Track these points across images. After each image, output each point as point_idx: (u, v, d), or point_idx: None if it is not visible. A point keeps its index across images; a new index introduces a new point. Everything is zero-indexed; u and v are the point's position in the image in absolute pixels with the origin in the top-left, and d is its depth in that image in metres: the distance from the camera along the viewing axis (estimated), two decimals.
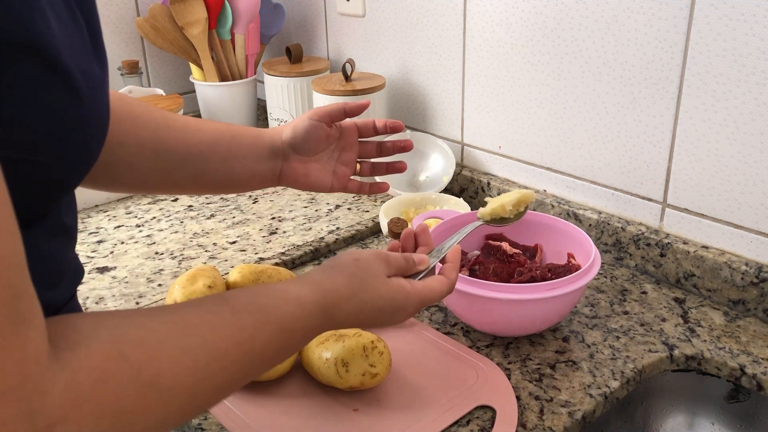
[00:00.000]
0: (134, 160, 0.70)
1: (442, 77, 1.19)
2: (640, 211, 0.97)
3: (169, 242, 1.06)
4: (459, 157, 1.21)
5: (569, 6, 0.96)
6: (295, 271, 0.98)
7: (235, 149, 0.75)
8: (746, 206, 0.85)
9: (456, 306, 0.81)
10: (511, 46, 1.06)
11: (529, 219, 0.91)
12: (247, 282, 0.85)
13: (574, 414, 0.69)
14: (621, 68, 0.93)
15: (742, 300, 0.86)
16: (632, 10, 0.89)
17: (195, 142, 0.73)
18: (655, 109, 0.91)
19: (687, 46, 0.85)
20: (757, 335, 0.82)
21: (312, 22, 1.44)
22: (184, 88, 1.56)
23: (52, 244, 0.48)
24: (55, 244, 0.49)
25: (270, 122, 1.37)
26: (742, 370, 0.77)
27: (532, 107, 1.06)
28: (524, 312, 0.77)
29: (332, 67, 1.40)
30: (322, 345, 0.71)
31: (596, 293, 0.91)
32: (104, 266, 0.99)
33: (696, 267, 0.90)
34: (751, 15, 0.79)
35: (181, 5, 1.32)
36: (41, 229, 0.46)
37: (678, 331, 0.83)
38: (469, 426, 0.68)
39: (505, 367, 0.77)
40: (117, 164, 0.69)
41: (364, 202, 1.19)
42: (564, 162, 1.04)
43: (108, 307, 0.88)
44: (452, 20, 1.13)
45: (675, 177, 0.92)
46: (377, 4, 1.26)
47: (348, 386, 0.70)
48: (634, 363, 0.77)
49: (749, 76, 0.81)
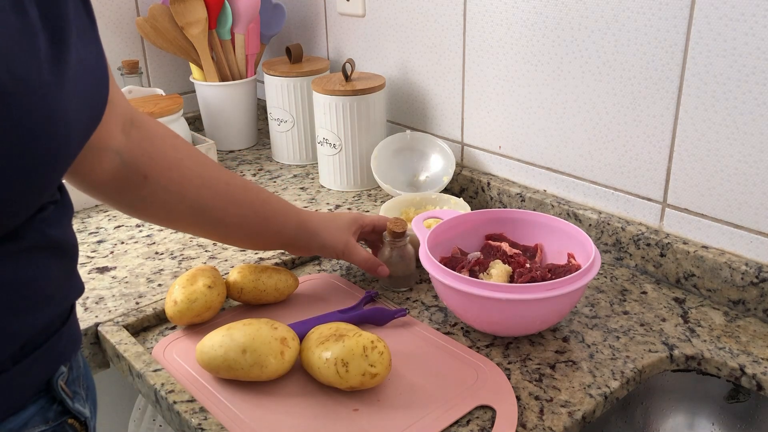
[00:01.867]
0: (171, 206, 0.73)
1: (442, 77, 1.19)
2: (640, 211, 0.97)
3: (169, 242, 1.06)
4: (459, 157, 1.21)
5: (569, 6, 0.96)
6: (295, 271, 0.98)
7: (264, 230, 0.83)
8: (746, 206, 0.85)
9: (456, 306, 0.81)
10: (511, 46, 1.06)
11: (529, 219, 0.91)
12: (247, 282, 0.85)
13: (574, 414, 0.69)
14: (621, 68, 0.93)
15: (742, 300, 0.86)
16: (632, 10, 0.89)
17: (233, 213, 0.78)
18: (655, 109, 0.91)
19: (687, 46, 0.85)
20: (757, 335, 0.82)
21: (312, 22, 1.44)
22: (184, 88, 1.56)
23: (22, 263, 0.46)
24: (30, 263, 0.47)
25: (270, 122, 1.37)
26: (742, 370, 0.77)
27: (532, 107, 1.06)
28: (524, 312, 0.77)
29: (332, 67, 1.40)
30: (322, 345, 0.71)
31: (596, 293, 0.91)
32: (104, 266, 0.99)
33: (696, 267, 0.90)
34: (751, 15, 0.79)
35: (181, 5, 1.32)
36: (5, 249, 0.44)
37: (678, 331, 0.83)
38: (469, 426, 0.68)
39: (505, 367, 0.77)
40: (153, 202, 0.72)
41: (364, 202, 1.19)
42: (564, 162, 1.04)
43: (108, 308, 0.88)
44: (452, 20, 1.13)
45: (675, 177, 0.92)
46: (377, 4, 1.26)
47: (348, 386, 0.70)
48: (634, 363, 0.77)
49: (749, 76, 0.81)
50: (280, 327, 0.73)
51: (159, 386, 0.73)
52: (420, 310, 0.88)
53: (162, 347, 0.80)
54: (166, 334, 0.84)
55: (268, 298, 0.86)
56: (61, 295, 0.53)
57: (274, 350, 0.71)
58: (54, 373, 0.54)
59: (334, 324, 0.75)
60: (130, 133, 0.67)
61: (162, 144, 0.71)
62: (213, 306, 0.82)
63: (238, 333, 0.72)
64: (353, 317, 0.83)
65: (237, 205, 0.78)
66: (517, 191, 1.10)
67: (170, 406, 0.71)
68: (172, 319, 0.82)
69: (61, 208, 0.53)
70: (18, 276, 0.46)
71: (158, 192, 0.71)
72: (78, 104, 0.46)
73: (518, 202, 1.10)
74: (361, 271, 0.97)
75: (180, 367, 0.76)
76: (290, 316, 0.85)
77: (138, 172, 0.68)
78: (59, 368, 0.55)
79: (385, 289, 0.92)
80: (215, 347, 0.72)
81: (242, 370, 0.71)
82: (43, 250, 0.49)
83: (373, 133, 1.22)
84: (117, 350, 0.79)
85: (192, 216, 0.75)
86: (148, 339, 0.84)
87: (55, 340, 0.53)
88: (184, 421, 0.69)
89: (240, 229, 0.80)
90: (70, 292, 0.56)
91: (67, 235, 0.53)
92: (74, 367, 0.58)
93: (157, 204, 0.72)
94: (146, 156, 0.69)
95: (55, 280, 0.51)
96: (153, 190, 0.70)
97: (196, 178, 0.73)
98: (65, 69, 0.44)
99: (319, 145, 1.24)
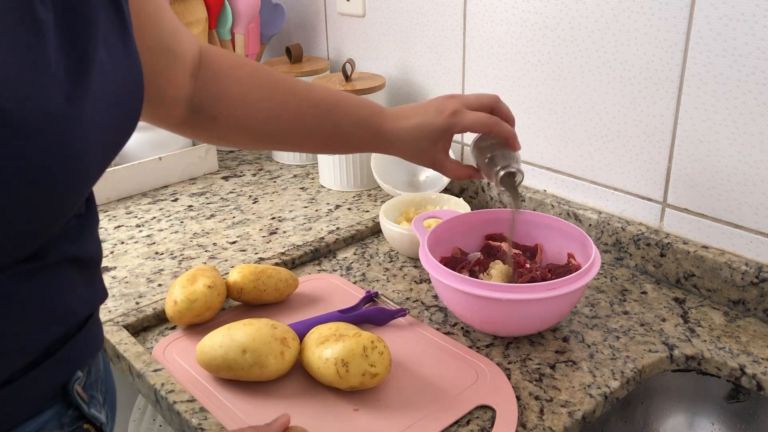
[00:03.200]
0: (245, 138, 0.76)
1: (442, 77, 1.19)
2: (640, 211, 0.97)
3: (169, 242, 1.06)
4: (459, 157, 1.21)
5: (569, 6, 0.96)
6: (295, 271, 0.99)
7: (343, 144, 0.80)
8: (746, 206, 0.85)
9: (456, 306, 0.81)
10: (511, 46, 1.06)
11: (529, 219, 0.91)
12: (247, 282, 0.85)
13: (574, 414, 0.69)
14: (621, 68, 0.93)
15: (742, 300, 0.86)
16: (632, 10, 0.89)
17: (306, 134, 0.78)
18: (655, 109, 0.91)
19: (687, 46, 0.85)
20: (757, 335, 0.82)
21: (312, 22, 1.44)
22: None
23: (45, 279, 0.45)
24: (51, 279, 0.46)
25: None
26: (742, 370, 0.77)
27: (532, 107, 1.06)
28: (524, 312, 0.77)
29: (332, 67, 1.40)
30: (322, 345, 0.71)
31: (596, 293, 0.91)
32: (104, 266, 0.99)
33: (696, 267, 0.90)
34: (751, 15, 0.79)
35: (181, 5, 1.32)
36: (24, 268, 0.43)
37: (678, 331, 0.83)
38: (469, 426, 0.68)
39: (505, 367, 0.77)
40: (227, 138, 0.76)
41: (364, 202, 1.19)
42: (564, 162, 1.04)
43: (108, 308, 0.88)
44: (452, 20, 1.13)
45: (675, 177, 0.92)
46: (377, 4, 1.26)
47: (348, 386, 0.70)
48: (634, 363, 0.77)
49: (749, 76, 0.81)
50: (280, 327, 0.73)
51: (159, 386, 0.73)
52: (420, 310, 0.88)
53: (162, 347, 0.80)
54: (166, 334, 0.84)
55: (268, 298, 0.86)
56: (82, 305, 0.52)
57: (274, 350, 0.71)
58: (70, 378, 0.52)
59: (334, 324, 0.75)
60: (198, 76, 0.70)
61: (227, 81, 0.72)
62: (213, 306, 0.82)
63: (238, 333, 0.72)
64: (353, 317, 0.83)
65: (309, 128, 0.77)
66: None
67: (170, 406, 0.71)
68: (172, 319, 0.82)
69: (86, 219, 0.51)
70: (37, 291, 0.45)
71: (229, 130, 0.74)
72: (102, 123, 0.44)
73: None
74: (361, 271, 0.97)
75: (180, 367, 0.76)
76: (290, 316, 0.85)
77: (206, 115, 0.72)
78: (75, 373, 0.53)
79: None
80: (215, 347, 0.72)
81: (242, 370, 0.71)
82: (63, 265, 0.47)
83: None
84: (117, 350, 0.79)
85: (268, 142, 0.79)
86: (148, 339, 0.84)
87: (71, 345, 0.51)
88: (184, 421, 0.69)
89: (318, 143, 0.79)
90: (92, 300, 0.54)
91: (89, 246, 0.51)
92: (93, 371, 0.56)
93: (232, 138, 0.76)
94: (212, 98, 0.71)
95: (76, 292, 0.50)
96: (223, 130, 0.73)
97: (262, 112, 0.74)
98: (87, 92, 0.42)
99: None
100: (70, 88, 0.41)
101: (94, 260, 0.53)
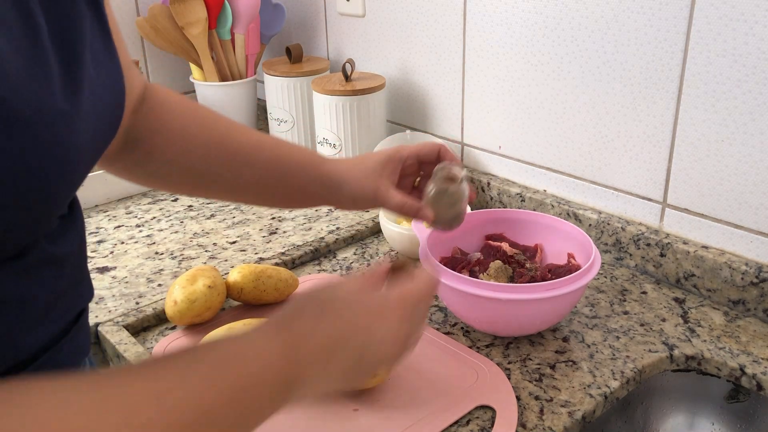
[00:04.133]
0: (179, 178, 0.70)
1: (442, 77, 1.19)
2: (640, 211, 0.97)
3: (169, 242, 1.06)
4: (459, 157, 1.21)
5: (569, 6, 0.96)
6: (295, 271, 0.98)
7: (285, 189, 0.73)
8: (746, 206, 0.85)
9: (456, 306, 0.81)
10: (511, 46, 1.06)
11: (529, 219, 0.91)
12: (247, 282, 0.85)
13: (574, 414, 0.69)
14: (621, 68, 0.93)
15: (742, 300, 0.86)
16: (632, 10, 0.89)
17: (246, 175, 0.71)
18: (655, 109, 0.91)
19: (687, 46, 0.85)
20: (757, 335, 0.82)
21: (312, 22, 1.44)
22: (184, 88, 1.56)
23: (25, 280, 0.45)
24: (33, 279, 0.46)
25: (270, 122, 1.37)
26: (742, 370, 0.77)
27: (532, 107, 1.06)
28: (524, 312, 0.77)
29: (332, 67, 1.40)
30: None
31: (596, 293, 0.91)
32: (104, 266, 0.99)
33: (696, 267, 0.90)
34: (751, 15, 0.79)
35: (181, 5, 1.32)
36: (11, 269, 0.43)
37: (678, 331, 0.83)
38: (469, 426, 0.68)
39: (505, 367, 0.77)
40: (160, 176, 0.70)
41: None
42: (564, 162, 1.04)
43: (108, 308, 0.88)
44: (452, 20, 1.13)
45: (675, 177, 0.92)
46: (377, 4, 1.26)
47: None
48: (634, 363, 0.77)
49: (749, 76, 0.81)
50: None
51: None
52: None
53: (162, 347, 0.80)
54: (166, 334, 0.84)
55: (268, 298, 0.86)
56: (65, 307, 0.51)
57: None
58: None
59: None
60: (139, 110, 0.67)
61: (167, 115, 0.69)
62: (213, 306, 0.82)
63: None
64: None
65: (250, 167, 0.71)
66: (517, 191, 1.10)
67: None
68: (172, 319, 0.82)
69: (69, 221, 0.51)
70: (19, 293, 0.45)
71: (162, 166, 0.69)
72: (91, 126, 0.44)
73: (518, 202, 1.10)
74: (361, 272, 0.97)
75: None
76: None
77: (142, 149, 0.67)
78: None
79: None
80: None
81: None
82: (46, 265, 0.47)
83: (373, 133, 1.21)
84: (117, 350, 0.79)
85: (203, 184, 0.72)
86: (148, 339, 0.84)
87: (55, 351, 0.51)
88: None
89: (258, 190, 0.73)
90: (77, 301, 0.54)
91: (73, 247, 0.51)
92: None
93: (164, 176, 0.70)
94: (150, 131, 0.67)
95: (59, 293, 0.50)
96: (157, 165, 0.68)
97: (200, 147, 0.69)
98: (80, 93, 0.43)
99: (319, 145, 1.24)
100: (65, 88, 0.42)
101: (77, 262, 0.52)
